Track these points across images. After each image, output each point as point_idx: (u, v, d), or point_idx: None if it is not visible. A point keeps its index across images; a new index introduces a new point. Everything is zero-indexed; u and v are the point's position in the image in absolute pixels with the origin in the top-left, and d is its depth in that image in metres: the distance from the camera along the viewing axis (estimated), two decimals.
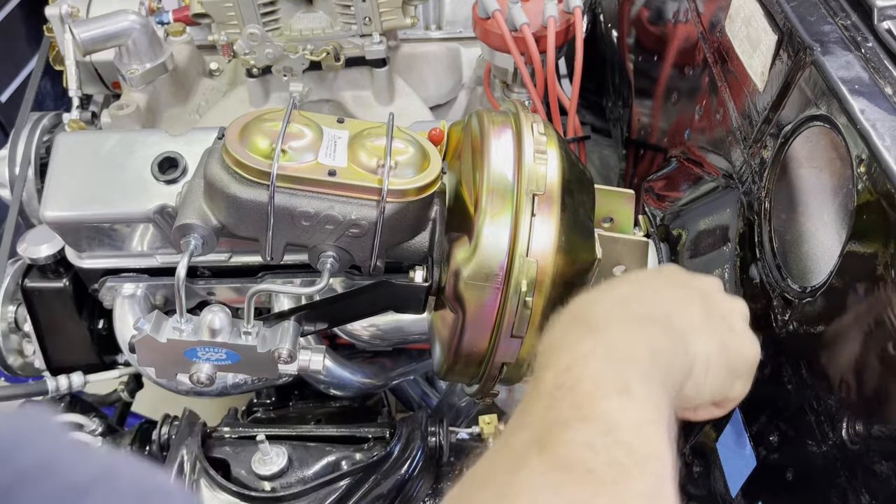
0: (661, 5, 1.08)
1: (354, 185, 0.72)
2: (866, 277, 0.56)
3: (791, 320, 0.66)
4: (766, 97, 0.73)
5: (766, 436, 0.70)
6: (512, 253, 0.71)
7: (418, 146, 0.77)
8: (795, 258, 0.71)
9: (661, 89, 1.06)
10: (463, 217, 0.75)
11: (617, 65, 1.28)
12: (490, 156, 0.73)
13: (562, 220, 0.72)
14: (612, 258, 0.82)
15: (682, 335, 0.57)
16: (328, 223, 0.72)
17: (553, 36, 1.16)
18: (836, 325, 0.60)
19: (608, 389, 0.49)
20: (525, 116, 0.77)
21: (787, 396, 0.66)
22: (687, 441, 0.86)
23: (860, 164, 0.57)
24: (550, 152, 0.74)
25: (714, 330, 0.60)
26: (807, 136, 0.69)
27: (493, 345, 0.74)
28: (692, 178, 0.89)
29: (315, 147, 0.73)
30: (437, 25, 1.43)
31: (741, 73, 0.79)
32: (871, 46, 0.65)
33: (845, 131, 0.60)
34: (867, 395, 0.56)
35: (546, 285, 0.71)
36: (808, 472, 0.63)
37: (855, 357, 0.57)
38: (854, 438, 0.57)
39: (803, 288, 0.66)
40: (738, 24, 0.80)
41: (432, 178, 0.75)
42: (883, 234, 0.54)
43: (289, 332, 0.76)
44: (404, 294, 0.77)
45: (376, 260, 0.75)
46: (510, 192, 0.72)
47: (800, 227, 0.72)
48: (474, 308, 0.72)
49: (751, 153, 0.76)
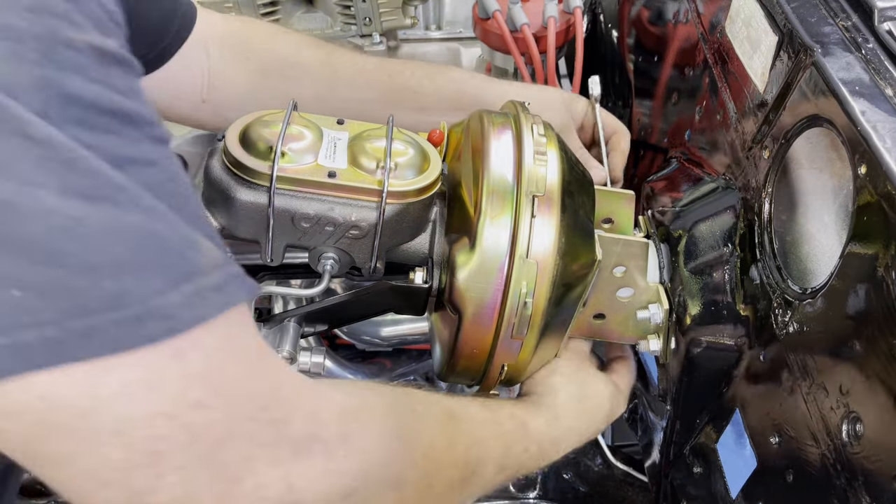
0: (661, 6, 1.07)
1: (354, 186, 0.72)
2: (866, 279, 0.56)
3: (791, 321, 0.66)
4: (766, 98, 0.73)
5: (766, 437, 0.70)
6: (512, 254, 0.71)
7: (418, 147, 0.77)
8: (796, 259, 0.71)
9: (662, 90, 1.06)
10: (463, 218, 0.75)
11: (617, 65, 1.28)
12: (490, 157, 0.73)
13: (562, 222, 0.72)
14: (611, 259, 0.82)
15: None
16: (328, 225, 0.72)
17: (553, 36, 1.16)
18: (837, 326, 0.60)
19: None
20: (525, 118, 0.77)
21: (788, 397, 0.66)
22: (687, 442, 0.86)
23: (860, 165, 0.57)
24: (550, 153, 0.74)
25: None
26: (807, 138, 0.69)
27: (493, 346, 0.74)
28: (692, 178, 0.89)
29: (315, 148, 0.73)
30: (437, 25, 1.43)
31: (741, 74, 0.79)
32: (871, 47, 0.65)
33: (846, 132, 0.60)
34: (867, 397, 0.56)
35: (546, 287, 0.71)
36: (809, 473, 0.63)
37: (855, 358, 0.57)
38: (854, 440, 0.57)
39: (803, 289, 0.66)
40: (738, 24, 0.80)
41: (432, 180, 0.75)
42: (883, 236, 0.54)
43: (289, 333, 0.76)
44: (404, 295, 0.77)
45: (376, 261, 0.75)
46: (510, 193, 0.72)
47: (800, 229, 0.72)
48: (474, 309, 0.72)
49: (751, 154, 0.76)
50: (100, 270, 0.36)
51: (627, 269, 0.83)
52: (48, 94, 0.36)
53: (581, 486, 1.15)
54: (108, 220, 0.37)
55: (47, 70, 0.36)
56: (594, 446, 1.16)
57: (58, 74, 0.36)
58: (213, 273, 0.40)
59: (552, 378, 0.80)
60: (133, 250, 0.37)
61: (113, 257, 0.36)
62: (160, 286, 0.38)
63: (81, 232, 0.36)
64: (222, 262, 0.41)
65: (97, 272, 0.36)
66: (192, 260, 0.39)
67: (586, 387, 0.81)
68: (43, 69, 0.36)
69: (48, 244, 0.35)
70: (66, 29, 0.37)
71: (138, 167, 0.39)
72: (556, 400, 0.77)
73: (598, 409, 0.81)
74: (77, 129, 0.37)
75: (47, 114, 0.35)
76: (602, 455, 1.16)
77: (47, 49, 0.36)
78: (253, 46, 0.92)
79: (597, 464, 1.15)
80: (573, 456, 1.16)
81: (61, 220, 0.35)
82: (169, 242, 0.38)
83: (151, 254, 0.38)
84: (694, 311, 0.79)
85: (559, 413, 0.77)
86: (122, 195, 0.37)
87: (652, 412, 0.98)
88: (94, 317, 0.36)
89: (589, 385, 0.82)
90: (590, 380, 0.82)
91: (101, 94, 0.38)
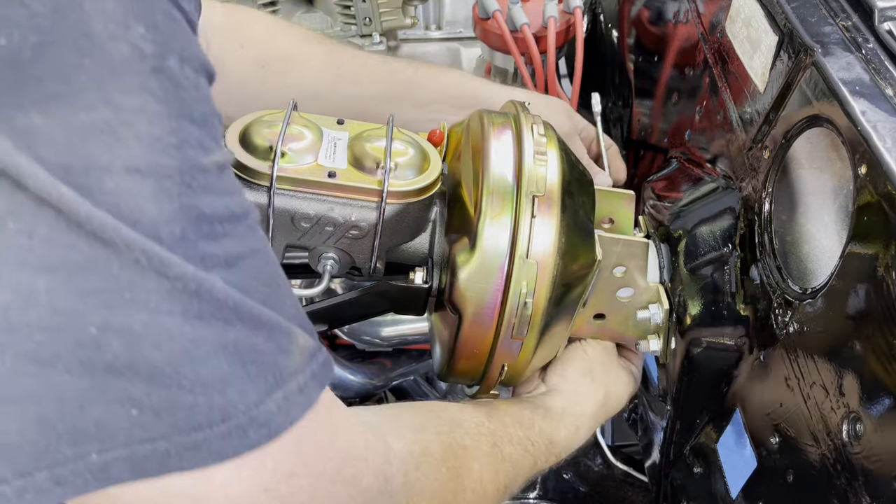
0: (661, 6, 1.07)
1: (354, 186, 0.72)
2: (867, 279, 0.56)
3: (791, 321, 0.66)
4: (766, 98, 0.73)
5: (766, 437, 0.70)
6: (512, 254, 0.71)
7: (418, 147, 0.77)
8: (796, 259, 0.71)
9: (662, 90, 1.06)
10: (463, 218, 0.75)
11: (617, 65, 1.28)
12: (490, 157, 0.73)
13: (562, 222, 0.72)
14: (612, 259, 0.82)
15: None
16: (328, 225, 0.72)
17: (553, 36, 1.16)
18: (837, 326, 0.60)
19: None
20: (525, 118, 0.77)
21: (788, 397, 0.66)
22: (687, 442, 0.86)
23: (861, 165, 0.57)
24: (550, 153, 0.74)
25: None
26: (807, 138, 0.69)
27: (493, 346, 0.74)
28: (692, 178, 0.89)
29: (315, 149, 0.73)
30: (437, 25, 1.43)
31: (742, 74, 0.79)
32: (871, 47, 0.65)
33: (846, 132, 0.60)
34: (868, 397, 0.56)
35: (546, 287, 0.71)
36: (809, 473, 0.63)
37: (855, 358, 0.57)
38: (854, 440, 0.57)
39: (804, 289, 0.66)
40: (738, 24, 0.80)
41: (432, 180, 0.75)
42: (883, 236, 0.54)
43: None
44: (404, 295, 0.77)
45: (376, 261, 0.75)
46: (510, 193, 0.72)
47: (800, 229, 0.72)
48: (474, 310, 0.72)
49: (751, 154, 0.76)
50: (210, 387, 0.40)
51: (627, 269, 0.83)
52: (186, 220, 0.39)
53: (581, 486, 1.15)
54: (219, 338, 0.40)
55: (185, 199, 0.40)
56: (594, 446, 1.16)
57: (194, 200, 0.40)
58: (299, 374, 0.44)
59: (582, 385, 0.84)
60: (237, 365, 0.41)
61: (221, 374, 0.40)
62: (258, 397, 0.42)
63: (197, 353, 0.40)
64: (307, 358, 0.45)
65: (207, 389, 0.40)
66: (283, 367, 0.43)
67: (610, 386, 0.86)
68: (182, 199, 0.39)
69: (167, 368, 0.39)
70: (201, 156, 0.41)
71: (246, 261, 0.43)
72: (583, 409, 0.83)
73: (615, 409, 0.87)
74: (205, 242, 0.40)
75: (185, 236, 0.39)
76: (602, 455, 1.16)
77: (187, 179, 0.40)
78: (253, 37, 0.92)
79: (597, 464, 1.15)
80: (573, 456, 1.16)
81: (181, 345, 0.39)
82: (265, 354, 0.42)
83: (252, 367, 0.42)
84: (694, 311, 0.79)
85: (580, 424, 0.82)
86: (230, 312, 0.41)
87: (652, 412, 0.98)
88: (201, 431, 0.40)
89: (613, 385, 0.86)
90: (614, 381, 0.87)
91: (222, 204, 0.42)
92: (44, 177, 0.34)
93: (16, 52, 0.34)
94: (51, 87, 0.34)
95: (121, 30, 0.36)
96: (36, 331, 0.36)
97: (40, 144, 0.34)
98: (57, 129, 0.35)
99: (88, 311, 0.36)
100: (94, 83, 0.35)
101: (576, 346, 0.88)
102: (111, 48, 0.36)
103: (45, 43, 0.34)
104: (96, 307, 0.37)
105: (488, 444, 0.70)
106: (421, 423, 0.65)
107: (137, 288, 0.37)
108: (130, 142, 0.37)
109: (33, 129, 0.34)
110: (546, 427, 0.78)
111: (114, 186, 0.36)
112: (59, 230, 0.35)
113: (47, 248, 0.35)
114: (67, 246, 0.35)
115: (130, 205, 0.37)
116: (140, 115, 0.37)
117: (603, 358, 0.87)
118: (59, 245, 0.35)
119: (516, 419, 0.76)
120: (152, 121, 0.37)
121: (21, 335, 0.36)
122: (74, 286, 0.36)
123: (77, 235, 0.35)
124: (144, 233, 0.37)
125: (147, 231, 0.37)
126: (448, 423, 0.68)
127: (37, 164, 0.34)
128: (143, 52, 0.37)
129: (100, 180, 0.36)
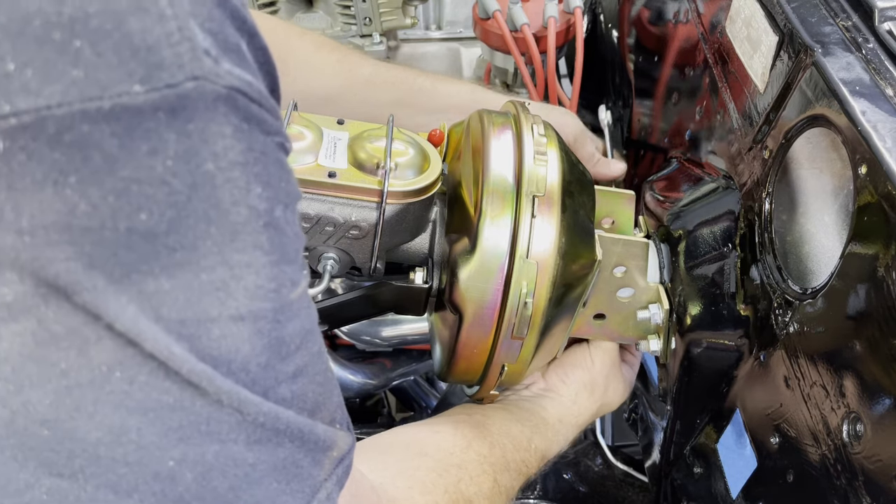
0: (661, 6, 1.07)
1: (354, 186, 0.72)
2: (867, 279, 0.56)
3: (792, 321, 0.66)
4: (766, 98, 0.73)
5: (766, 437, 0.70)
6: (512, 254, 0.71)
7: (418, 147, 0.77)
8: (796, 259, 0.71)
9: (662, 90, 1.06)
10: (463, 219, 0.74)
11: (617, 65, 1.28)
12: (490, 157, 0.73)
13: (562, 222, 0.72)
14: (612, 259, 0.82)
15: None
16: (328, 225, 0.72)
17: (553, 36, 1.16)
18: (837, 326, 0.60)
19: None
20: (525, 118, 0.77)
21: (788, 397, 0.66)
22: (687, 442, 0.86)
23: (861, 165, 0.57)
24: (550, 154, 0.74)
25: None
26: (807, 138, 0.69)
27: (493, 346, 0.74)
28: (692, 178, 0.89)
29: (315, 149, 0.73)
30: (437, 25, 1.43)
31: (742, 74, 0.79)
32: (871, 48, 0.65)
33: (846, 132, 0.60)
34: (868, 397, 0.56)
35: (546, 287, 0.71)
36: (809, 473, 0.63)
37: (856, 358, 0.57)
38: (855, 440, 0.57)
39: (804, 289, 0.66)
40: (738, 24, 0.80)
41: (432, 180, 0.75)
42: (883, 236, 0.54)
43: None
44: (404, 295, 0.77)
45: (376, 261, 0.75)
46: (510, 193, 0.72)
47: (800, 229, 0.72)
48: (474, 310, 0.72)
49: (751, 154, 0.76)
50: None
51: (627, 269, 0.83)
52: (270, 352, 0.41)
53: (581, 486, 1.15)
54: (272, 459, 0.42)
55: (274, 334, 0.41)
56: (594, 446, 1.16)
57: (280, 332, 0.41)
58: (327, 482, 0.46)
59: (580, 395, 0.87)
60: (284, 483, 0.43)
61: (271, 493, 0.42)
62: None
63: (255, 477, 0.41)
64: (334, 464, 0.47)
65: None
66: (315, 478, 0.45)
67: (606, 398, 0.89)
68: (271, 335, 0.40)
69: (230, 494, 0.40)
70: (292, 292, 0.42)
71: (308, 367, 0.44)
72: (576, 421, 0.86)
73: (606, 409, 0.91)
74: (281, 364, 0.41)
75: (268, 364, 0.41)
76: (602, 455, 1.16)
77: (278, 317, 0.41)
78: (269, 43, 0.94)
79: (597, 464, 1.15)
80: (573, 456, 1.16)
81: (244, 470, 0.40)
82: (304, 469, 0.44)
83: (295, 483, 0.43)
84: (694, 311, 0.79)
85: (570, 434, 0.86)
86: (283, 434, 0.42)
87: (652, 412, 0.98)
88: None
89: (609, 397, 0.90)
90: (611, 392, 0.90)
91: (299, 325, 0.43)
92: (161, 337, 0.36)
93: (154, 226, 0.35)
94: (181, 256, 0.36)
95: (242, 194, 0.37)
96: (121, 465, 0.37)
97: (163, 306, 0.36)
98: (180, 290, 0.36)
99: (170, 445, 0.38)
100: (216, 247, 0.37)
101: (584, 351, 0.89)
102: (233, 213, 0.37)
103: (180, 217, 0.35)
104: (177, 441, 0.38)
105: (489, 483, 0.73)
106: (432, 482, 0.68)
107: (214, 421, 0.39)
108: (238, 294, 0.38)
109: (160, 292, 0.35)
110: (541, 444, 0.82)
111: (219, 334, 0.38)
112: (158, 377, 0.36)
113: (145, 393, 0.36)
114: (163, 391, 0.37)
115: (229, 348, 0.38)
116: (249, 269, 0.38)
117: (608, 370, 0.89)
118: (155, 389, 0.37)
119: (516, 443, 0.79)
120: (258, 272, 0.39)
121: (105, 467, 0.37)
122: (161, 424, 0.37)
123: (173, 381, 0.37)
124: (234, 376, 0.39)
125: (236, 373, 0.39)
126: (455, 472, 0.70)
127: (156, 324, 0.35)
128: (258, 212, 0.38)
129: (208, 331, 0.37)
